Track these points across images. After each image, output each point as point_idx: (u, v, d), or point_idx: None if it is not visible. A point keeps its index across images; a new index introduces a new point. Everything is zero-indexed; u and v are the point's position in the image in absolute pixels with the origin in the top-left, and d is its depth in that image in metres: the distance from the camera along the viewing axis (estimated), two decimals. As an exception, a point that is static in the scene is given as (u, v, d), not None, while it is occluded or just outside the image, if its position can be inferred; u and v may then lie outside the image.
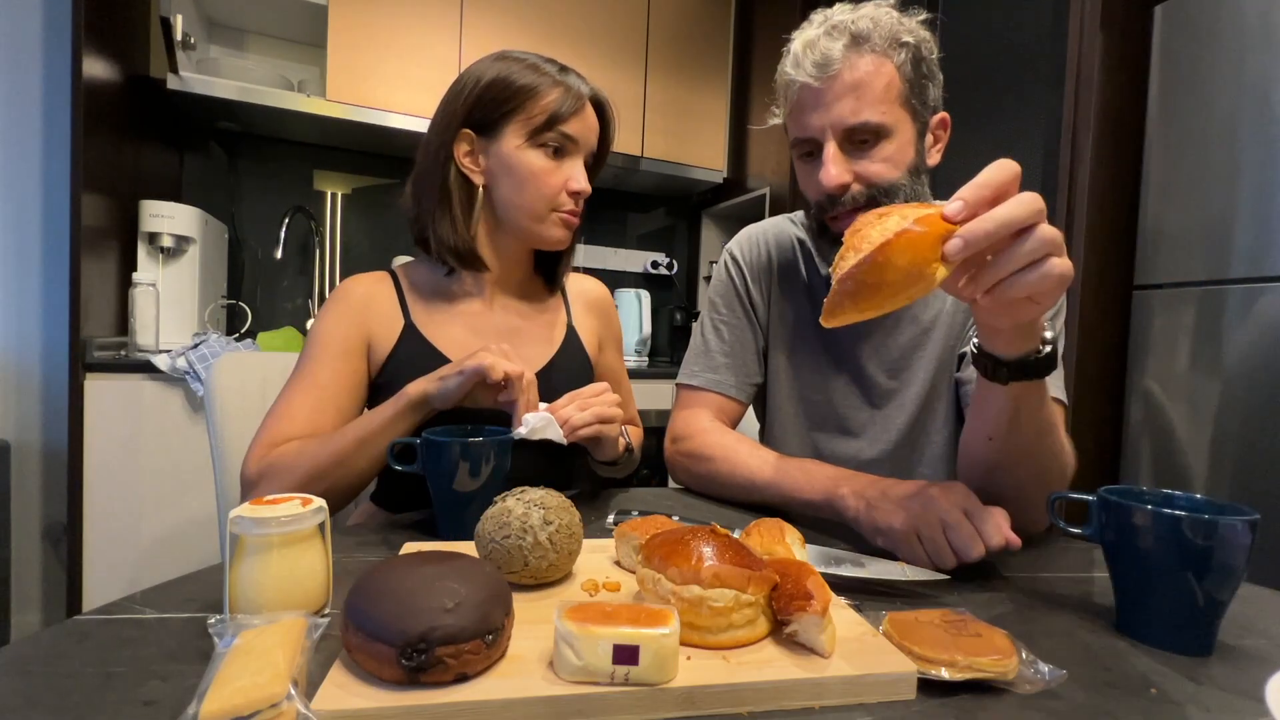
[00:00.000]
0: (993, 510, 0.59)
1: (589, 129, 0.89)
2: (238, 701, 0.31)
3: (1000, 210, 0.47)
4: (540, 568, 0.51)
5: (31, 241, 1.79)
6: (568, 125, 0.85)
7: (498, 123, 0.85)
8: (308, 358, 0.83)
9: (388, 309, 0.88)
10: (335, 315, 0.86)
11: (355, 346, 0.85)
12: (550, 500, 0.55)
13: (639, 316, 2.51)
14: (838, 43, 0.77)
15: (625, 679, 0.37)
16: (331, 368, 0.83)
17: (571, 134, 0.86)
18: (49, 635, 0.43)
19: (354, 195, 2.35)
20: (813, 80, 0.77)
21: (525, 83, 0.85)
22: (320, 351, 0.83)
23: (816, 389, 0.95)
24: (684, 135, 2.52)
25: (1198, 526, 0.46)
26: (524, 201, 0.87)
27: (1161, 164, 1.46)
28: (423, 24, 2.08)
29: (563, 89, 0.86)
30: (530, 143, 0.85)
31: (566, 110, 0.85)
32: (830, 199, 0.81)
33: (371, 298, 0.88)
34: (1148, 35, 1.48)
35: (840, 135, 0.78)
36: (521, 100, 0.84)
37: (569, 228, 0.90)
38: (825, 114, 0.78)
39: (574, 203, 0.88)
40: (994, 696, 0.40)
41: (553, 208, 0.87)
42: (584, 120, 0.88)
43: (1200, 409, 1.36)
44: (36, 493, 1.81)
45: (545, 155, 0.86)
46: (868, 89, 0.76)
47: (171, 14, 1.74)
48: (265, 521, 0.43)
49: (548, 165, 0.86)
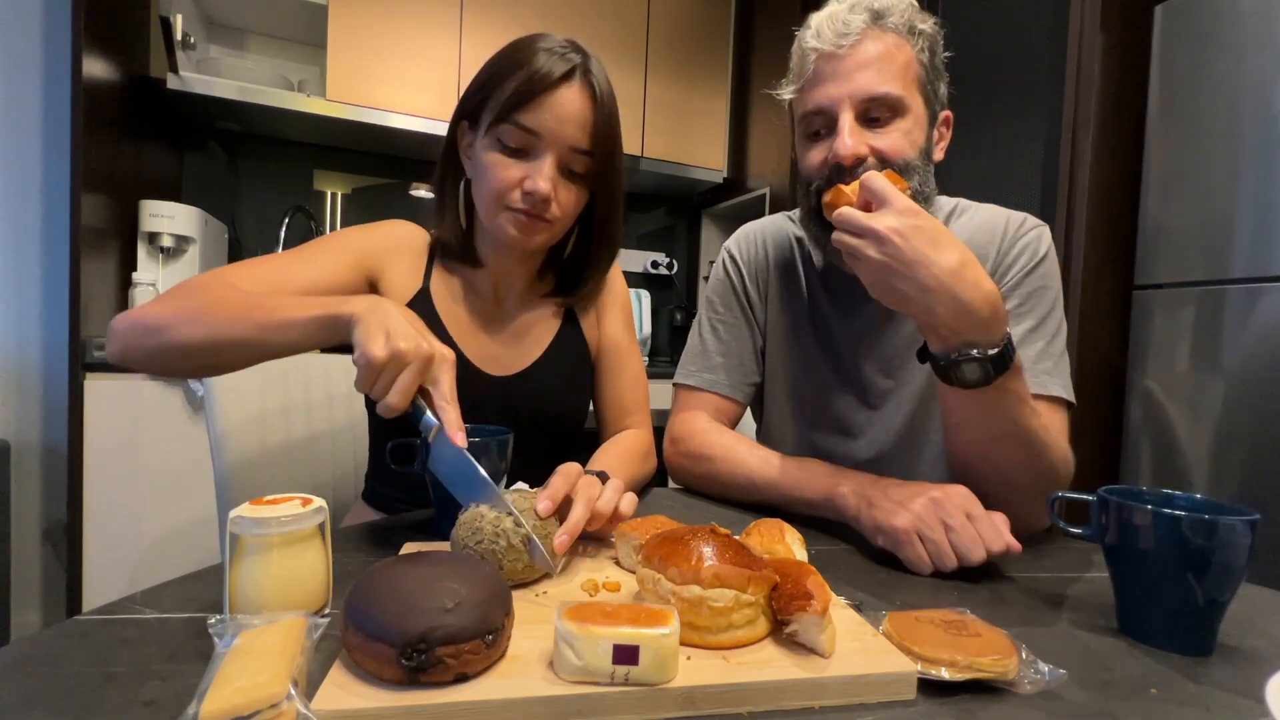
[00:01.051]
0: (995, 515, 0.60)
1: (561, 119, 0.76)
2: (238, 701, 0.31)
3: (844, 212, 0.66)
4: (516, 569, 0.52)
5: (31, 241, 1.79)
6: (526, 115, 0.75)
7: (476, 112, 0.80)
8: (313, 243, 0.82)
9: (412, 264, 0.87)
10: (367, 233, 0.86)
11: (365, 266, 0.83)
12: (523, 503, 0.55)
13: (639, 316, 2.51)
14: (859, 16, 0.77)
15: (625, 679, 0.37)
16: (332, 258, 0.80)
17: (530, 126, 0.75)
18: (49, 635, 0.43)
19: (354, 195, 2.35)
20: (833, 48, 0.77)
21: (500, 66, 0.78)
22: (329, 243, 0.82)
23: (813, 389, 0.95)
24: (684, 135, 2.52)
25: (1198, 526, 0.46)
26: (479, 198, 0.82)
27: (1161, 164, 1.46)
28: (423, 24, 2.08)
29: (528, 72, 0.75)
30: (489, 135, 0.78)
31: (524, 97, 0.75)
32: (839, 169, 0.77)
33: (406, 248, 0.87)
34: (1148, 35, 1.48)
35: (857, 107, 0.77)
36: (491, 86, 0.78)
37: (523, 229, 0.79)
38: (844, 83, 0.77)
39: (527, 202, 0.77)
40: (994, 696, 0.40)
41: (505, 205, 0.79)
42: (553, 109, 0.75)
43: (1200, 409, 1.36)
44: (36, 493, 1.81)
45: (499, 151, 0.77)
46: (889, 62, 0.76)
47: (171, 14, 1.74)
48: (265, 521, 0.43)
49: (501, 160, 0.77)
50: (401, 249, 0.87)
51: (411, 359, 0.56)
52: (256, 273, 0.74)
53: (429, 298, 0.86)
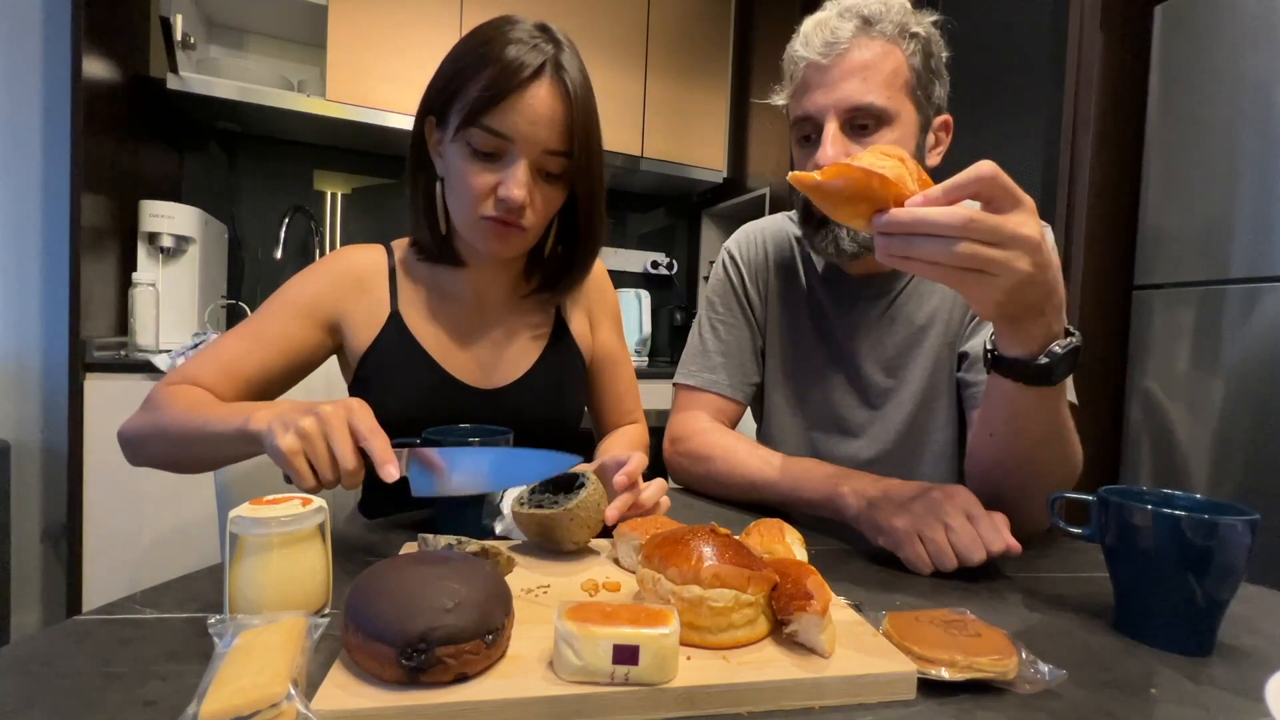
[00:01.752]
0: (994, 515, 0.60)
1: (531, 120, 0.71)
2: (238, 701, 0.31)
3: (927, 212, 0.50)
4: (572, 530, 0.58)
5: (31, 241, 1.79)
6: (495, 118, 0.70)
7: (444, 110, 0.75)
8: (265, 307, 0.79)
9: (375, 292, 0.83)
10: (315, 278, 0.81)
11: (322, 316, 0.80)
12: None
13: (639, 316, 2.51)
14: (848, 24, 0.77)
15: (625, 679, 0.37)
16: (282, 324, 0.78)
17: (499, 130, 0.70)
18: (49, 635, 0.43)
19: (354, 195, 2.36)
20: (820, 58, 0.77)
21: (465, 62, 0.72)
22: (279, 306, 0.79)
23: (814, 388, 0.95)
24: (684, 135, 2.52)
25: (1198, 526, 0.46)
26: (452, 205, 0.78)
27: (1161, 164, 1.46)
28: (423, 24, 2.08)
29: (493, 71, 0.69)
30: (458, 139, 0.73)
31: (492, 98, 0.69)
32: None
33: (362, 276, 0.83)
34: (1148, 35, 1.48)
35: (842, 116, 0.77)
36: (458, 84, 0.72)
37: (500, 238, 0.76)
38: (829, 93, 0.77)
39: (500, 209, 0.73)
40: (994, 696, 0.40)
41: (479, 214, 0.74)
42: (522, 110, 0.70)
43: (1200, 409, 1.36)
44: (36, 493, 1.81)
45: (470, 157, 0.73)
46: (875, 71, 0.76)
47: (171, 14, 1.74)
48: (265, 521, 0.43)
49: (470, 166, 0.73)
50: (356, 282, 0.82)
51: (321, 426, 0.52)
52: (216, 363, 0.74)
53: (400, 321, 0.82)
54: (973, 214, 0.49)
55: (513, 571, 0.54)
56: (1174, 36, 1.44)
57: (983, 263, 0.50)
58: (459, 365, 0.85)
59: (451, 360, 0.84)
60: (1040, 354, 0.57)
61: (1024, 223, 0.50)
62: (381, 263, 0.85)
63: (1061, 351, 0.57)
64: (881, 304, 0.91)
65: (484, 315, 0.88)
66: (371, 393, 0.82)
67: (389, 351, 0.82)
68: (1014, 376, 0.59)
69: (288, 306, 0.79)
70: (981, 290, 0.52)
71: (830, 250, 0.83)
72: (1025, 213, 0.51)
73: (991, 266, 0.50)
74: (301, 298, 0.80)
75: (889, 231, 0.51)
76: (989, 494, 0.63)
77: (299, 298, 0.80)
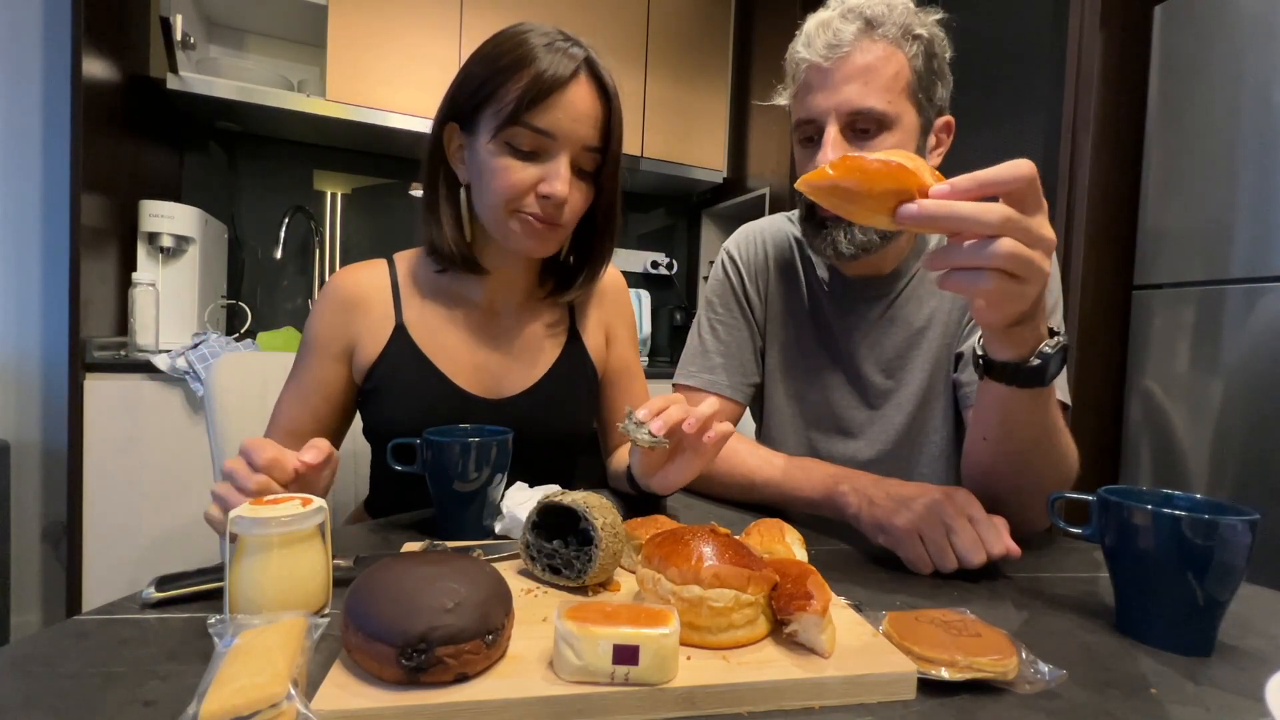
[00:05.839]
0: (994, 518, 0.60)
1: (574, 118, 0.73)
2: (238, 701, 0.31)
3: (961, 206, 0.46)
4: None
5: (31, 241, 1.79)
6: (539, 116, 0.72)
7: (473, 115, 0.76)
8: (299, 355, 0.84)
9: (378, 309, 0.83)
10: (319, 313, 0.83)
11: (337, 349, 0.82)
12: (592, 499, 0.54)
13: (639, 316, 2.51)
14: (851, 25, 0.76)
15: (625, 679, 0.37)
16: (312, 370, 0.82)
17: (544, 127, 0.72)
18: (49, 635, 0.43)
19: (354, 195, 2.35)
20: (822, 60, 0.77)
21: (499, 65, 0.73)
22: (305, 352, 0.83)
23: (813, 389, 0.95)
24: (684, 135, 2.52)
25: (1198, 526, 0.46)
26: (487, 203, 0.77)
27: (1161, 164, 1.46)
28: (423, 24, 2.08)
29: (535, 71, 0.71)
30: (497, 139, 0.74)
31: (538, 96, 0.71)
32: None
33: (360, 297, 0.83)
34: (1148, 35, 1.48)
35: (843, 120, 0.77)
36: (492, 88, 0.73)
37: (537, 236, 0.77)
38: (831, 96, 0.77)
39: (541, 206, 0.75)
40: (994, 696, 0.40)
41: (516, 210, 0.75)
42: (565, 108, 0.73)
43: (1200, 409, 1.36)
44: (36, 493, 1.81)
45: (511, 155, 0.73)
46: (876, 75, 0.76)
47: (171, 14, 1.74)
48: (265, 521, 0.43)
49: (511, 163, 0.74)
50: (354, 304, 0.82)
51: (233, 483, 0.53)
52: (282, 432, 0.81)
53: (405, 333, 0.82)
54: (1010, 211, 0.46)
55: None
56: (1174, 36, 1.44)
57: (1022, 264, 0.47)
58: (466, 376, 0.84)
59: (459, 371, 0.83)
60: (1031, 356, 0.57)
61: (1045, 224, 0.49)
62: (381, 278, 0.85)
63: (1052, 352, 0.57)
64: (881, 305, 0.91)
65: (495, 325, 0.87)
66: (377, 405, 0.82)
67: (394, 364, 0.82)
68: (1006, 380, 0.59)
69: (310, 350, 0.83)
70: (1007, 298, 0.49)
71: (829, 252, 0.83)
72: (1044, 215, 0.49)
73: (1028, 270, 0.47)
74: (316, 338, 0.83)
75: (918, 222, 0.47)
76: (986, 496, 0.63)
77: (314, 339, 0.83)
